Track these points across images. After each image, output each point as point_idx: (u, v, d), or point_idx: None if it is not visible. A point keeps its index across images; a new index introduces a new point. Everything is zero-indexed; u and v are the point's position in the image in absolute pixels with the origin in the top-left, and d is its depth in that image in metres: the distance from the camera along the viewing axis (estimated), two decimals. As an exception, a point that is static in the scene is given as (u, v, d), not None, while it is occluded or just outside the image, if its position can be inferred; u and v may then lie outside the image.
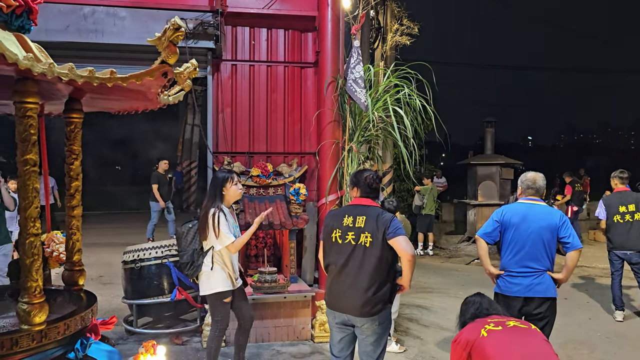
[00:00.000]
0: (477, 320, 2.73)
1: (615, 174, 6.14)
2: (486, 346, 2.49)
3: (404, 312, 6.10)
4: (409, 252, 3.06)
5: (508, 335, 2.53)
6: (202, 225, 3.78)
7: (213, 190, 3.86)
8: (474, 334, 2.60)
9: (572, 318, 6.05)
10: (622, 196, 6.00)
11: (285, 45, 5.69)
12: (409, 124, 4.98)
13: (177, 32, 1.94)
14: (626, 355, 4.89)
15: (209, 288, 3.86)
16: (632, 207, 5.85)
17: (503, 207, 4.02)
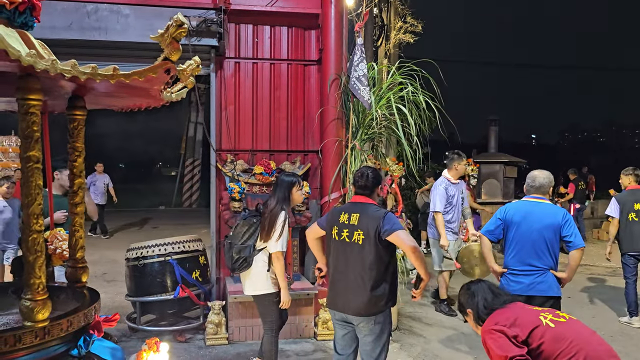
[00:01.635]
0: (514, 306, 2.66)
1: (629, 171, 6.02)
2: (562, 334, 2.45)
3: (406, 310, 6.10)
4: (409, 243, 3.03)
5: (574, 325, 2.56)
6: (270, 226, 3.76)
7: (282, 193, 3.87)
8: (533, 321, 2.51)
9: (576, 317, 6.01)
10: (637, 194, 5.85)
11: (289, 42, 5.68)
12: (412, 121, 4.97)
13: (180, 29, 1.93)
14: (630, 354, 4.87)
15: (264, 288, 3.85)
16: None
17: (507, 205, 4.01)
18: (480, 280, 2.88)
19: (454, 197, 5.79)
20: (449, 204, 5.77)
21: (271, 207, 3.80)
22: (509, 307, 2.65)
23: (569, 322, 2.55)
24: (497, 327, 2.50)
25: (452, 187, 5.81)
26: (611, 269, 8.88)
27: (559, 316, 2.58)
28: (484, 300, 2.69)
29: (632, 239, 5.73)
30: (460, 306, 2.87)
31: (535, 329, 2.46)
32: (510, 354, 2.37)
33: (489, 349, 2.53)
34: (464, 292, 2.85)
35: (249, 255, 3.81)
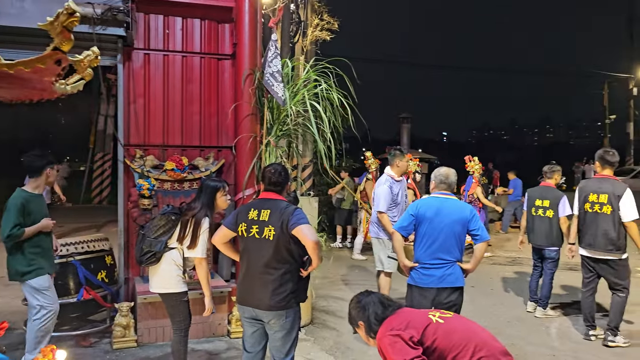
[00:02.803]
0: (404, 311, 2.76)
1: (545, 169, 6.21)
2: (453, 328, 2.59)
3: (320, 304, 6.18)
4: (311, 238, 3.06)
5: (460, 319, 2.75)
6: (194, 232, 3.64)
7: (206, 198, 3.74)
8: (423, 321, 2.62)
9: (478, 305, 6.41)
10: (544, 191, 6.08)
11: (202, 35, 5.54)
12: (326, 119, 5.03)
13: (71, 17, 1.82)
14: (525, 337, 5.26)
15: (172, 287, 3.74)
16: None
17: (418, 201, 4.17)
18: (370, 292, 2.91)
19: (398, 195, 5.66)
20: (393, 202, 5.58)
21: (194, 212, 3.69)
22: (399, 312, 2.73)
23: (455, 317, 2.72)
24: (393, 331, 2.56)
25: (396, 185, 5.66)
26: (511, 259, 9.53)
27: (445, 313, 2.73)
28: (374, 312, 2.73)
29: (533, 233, 6.07)
30: (351, 319, 2.88)
31: (427, 327, 2.57)
32: (407, 356, 2.45)
33: (385, 355, 2.58)
34: (354, 305, 2.85)
35: (159, 251, 3.70)
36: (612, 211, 4.96)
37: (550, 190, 6.06)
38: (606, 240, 4.97)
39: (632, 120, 26.98)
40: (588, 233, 5.10)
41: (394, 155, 5.71)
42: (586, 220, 5.12)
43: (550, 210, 5.90)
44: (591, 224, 5.07)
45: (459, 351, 2.47)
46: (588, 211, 5.11)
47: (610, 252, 4.98)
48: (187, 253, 3.71)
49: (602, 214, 5.00)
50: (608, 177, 5.15)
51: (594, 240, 5.04)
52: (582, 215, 5.17)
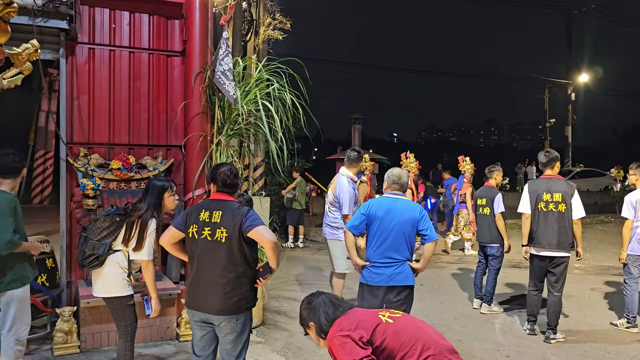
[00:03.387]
0: (354, 312, 2.75)
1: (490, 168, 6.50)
2: (401, 327, 2.60)
3: (272, 305, 6.15)
4: (270, 238, 3.05)
5: (409, 318, 2.77)
6: (140, 234, 3.52)
7: (153, 198, 3.61)
8: (373, 321, 2.63)
9: (426, 302, 6.55)
10: (487, 191, 6.32)
11: (150, 31, 5.39)
12: (277, 118, 5.00)
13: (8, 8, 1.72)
14: (469, 333, 5.42)
15: (117, 290, 3.60)
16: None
17: (369, 200, 4.21)
18: (320, 292, 2.89)
19: (356, 196, 5.67)
20: (355, 203, 5.56)
21: (140, 213, 3.57)
22: (350, 313, 2.72)
23: (404, 316, 2.75)
24: (343, 332, 2.56)
25: (354, 185, 5.65)
26: (457, 257, 9.81)
27: (395, 313, 2.75)
28: (325, 313, 2.72)
29: (478, 231, 6.37)
30: (302, 320, 2.85)
31: (377, 327, 2.58)
32: (357, 357, 2.46)
33: (335, 355, 2.58)
34: (305, 306, 2.83)
35: (103, 254, 3.57)
36: (566, 209, 5.11)
37: (489, 189, 6.36)
38: (563, 238, 5.10)
39: (570, 124, 28.30)
40: (544, 232, 5.16)
41: (352, 157, 5.74)
42: (540, 219, 5.19)
43: (487, 207, 6.18)
44: (546, 223, 5.15)
45: (407, 351, 2.50)
46: (542, 210, 5.18)
47: (565, 250, 5.13)
48: (132, 255, 3.60)
49: (558, 212, 5.12)
50: (556, 176, 5.31)
51: (552, 239, 5.11)
52: (536, 214, 5.22)
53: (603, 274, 8.33)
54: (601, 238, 12.21)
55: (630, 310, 5.50)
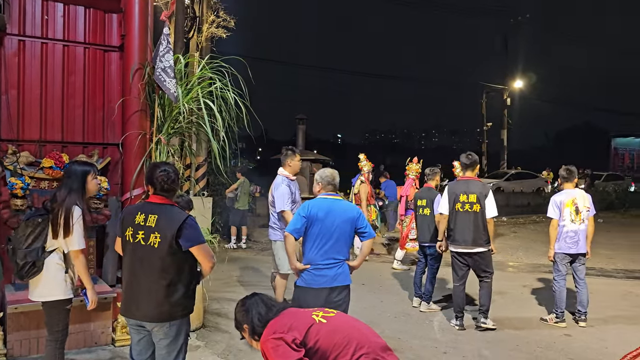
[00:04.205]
0: (288, 313, 2.72)
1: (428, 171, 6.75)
2: (335, 327, 2.60)
3: (213, 307, 6.06)
4: (210, 261, 3.08)
5: (342, 317, 2.75)
6: (65, 222, 3.36)
7: (74, 183, 3.44)
8: (307, 321, 2.61)
9: (368, 301, 6.65)
10: (426, 192, 6.57)
11: (86, 24, 5.18)
12: (219, 117, 4.93)
13: None
14: (409, 331, 5.55)
15: (60, 294, 3.44)
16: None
17: (307, 202, 4.19)
18: (255, 293, 2.86)
19: (295, 194, 5.68)
20: (292, 201, 5.59)
21: (62, 200, 3.41)
22: (283, 314, 2.70)
23: (337, 315, 2.74)
24: (276, 335, 2.54)
25: (293, 184, 5.69)
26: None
27: (328, 312, 2.75)
28: (258, 314, 2.69)
29: (418, 231, 6.59)
30: (237, 323, 2.82)
31: (310, 328, 2.57)
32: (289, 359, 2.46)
33: (269, 358, 2.55)
34: (239, 309, 2.80)
35: (38, 259, 3.40)
36: (480, 209, 5.50)
37: (429, 190, 6.59)
38: (477, 236, 5.48)
39: (506, 127, 29.56)
40: (460, 230, 5.53)
41: (286, 155, 5.75)
42: (457, 218, 5.56)
43: (428, 208, 6.38)
44: (463, 222, 5.52)
45: (340, 350, 2.51)
46: (459, 210, 5.55)
47: (481, 246, 5.51)
48: (65, 248, 3.46)
49: (473, 212, 5.50)
50: (473, 178, 5.72)
51: (467, 237, 5.49)
52: (454, 214, 5.59)
53: (534, 271, 8.74)
54: (534, 237, 12.81)
55: (558, 306, 5.81)
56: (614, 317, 6.09)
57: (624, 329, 5.69)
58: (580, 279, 5.82)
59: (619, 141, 38.58)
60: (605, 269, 8.91)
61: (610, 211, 18.92)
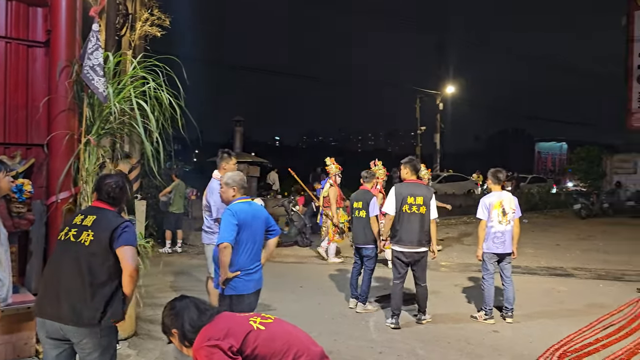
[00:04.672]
0: (223, 317, 2.60)
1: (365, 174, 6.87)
2: (273, 334, 2.53)
3: (147, 313, 5.87)
4: (130, 263, 2.89)
5: (281, 323, 2.67)
6: None
7: None
8: (244, 328, 2.50)
9: (305, 304, 6.68)
10: (361, 194, 6.67)
11: (8, 18, 4.88)
12: (153, 118, 4.78)
13: None
14: (345, 332, 5.61)
15: None
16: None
17: (232, 209, 4.05)
18: (185, 296, 2.70)
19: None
20: None
21: None
22: (218, 319, 2.57)
23: (275, 322, 2.64)
24: (211, 342, 2.41)
25: None
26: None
27: (266, 318, 2.64)
28: (189, 319, 2.54)
29: (354, 233, 6.64)
30: (165, 327, 2.64)
31: (248, 335, 2.47)
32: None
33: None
34: (168, 312, 2.62)
35: None
36: (426, 211, 5.75)
37: (365, 192, 6.68)
38: (422, 236, 5.74)
39: (439, 131, 30.63)
40: (407, 231, 5.72)
41: (221, 158, 5.65)
42: (404, 219, 5.73)
43: (363, 210, 6.46)
44: (409, 223, 5.71)
45: (279, 358, 2.46)
46: (406, 212, 5.73)
47: (424, 246, 5.79)
48: None
49: (419, 214, 5.73)
50: (418, 181, 6.03)
51: (413, 237, 5.71)
52: (400, 215, 5.75)
53: (465, 270, 9.09)
54: (464, 238, 13.31)
55: (487, 304, 6.06)
56: (538, 312, 6.43)
57: (547, 323, 6.02)
58: (507, 277, 6.11)
59: (542, 145, 40.98)
60: (530, 267, 9.40)
61: (534, 212, 20.00)
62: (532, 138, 45.87)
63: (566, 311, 6.53)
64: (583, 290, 7.69)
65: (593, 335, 5.53)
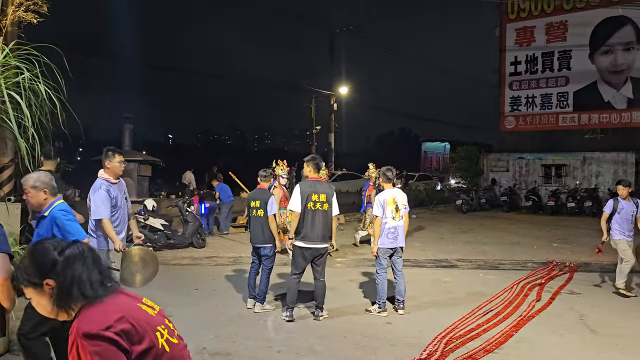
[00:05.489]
0: (124, 305, 1.85)
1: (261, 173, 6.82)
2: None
3: (23, 327, 5.33)
4: (2, 274, 2.68)
5: (181, 348, 1.99)
6: None
7: None
8: (149, 337, 1.82)
9: (201, 306, 6.48)
10: (258, 192, 6.61)
11: None
12: (28, 112, 4.36)
13: None
14: (245, 332, 5.53)
15: None
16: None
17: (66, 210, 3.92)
18: (82, 244, 1.92)
19: (117, 199, 5.28)
20: (113, 207, 5.19)
21: None
22: (119, 302, 1.86)
23: (179, 346, 1.96)
24: (110, 334, 1.73)
25: (113, 188, 5.27)
26: (232, 258, 9.95)
27: (173, 335, 1.94)
28: (87, 282, 1.81)
29: (251, 233, 6.54)
30: (30, 271, 1.82)
31: (150, 350, 1.82)
32: None
33: (81, 357, 1.72)
34: (45, 250, 1.85)
35: None
36: (328, 208, 5.93)
37: (262, 191, 6.65)
38: (325, 232, 5.92)
39: (333, 131, 31.38)
40: (311, 227, 5.86)
41: (105, 156, 5.35)
42: (308, 216, 5.87)
43: (261, 209, 6.42)
44: (314, 220, 5.87)
45: None
46: (311, 209, 5.88)
47: (326, 242, 5.97)
48: None
49: (323, 211, 5.90)
50: (321, 179, 6.20)
51: (318, 233, 5.86)
52: (305, 212, 5.88)
53: (360, 266, 9.37)
54: (344, 239, 13.72)
55: (381, 297, 6.30)
56: (427, 303, 6.80)
57: (435, 313, 6.38)
58: (399, 270, 6.39)
59: (427, 145, 43.58)
60: (419, 260, 9.92)
61: (421, 208, 21.19)
62: (418, 138, 48.59)
63: (452, 300, 6.98)
64: (466, 280, 8.27)
65: (475, 321, 5.96)
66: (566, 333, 5.66)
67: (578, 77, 21.08)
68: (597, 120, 20.80)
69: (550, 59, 21.85)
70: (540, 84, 22.13)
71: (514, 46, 22.78)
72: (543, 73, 22.06)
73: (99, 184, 5.24)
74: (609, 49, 20.46)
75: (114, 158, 5.35)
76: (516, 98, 22.82)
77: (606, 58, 20.61)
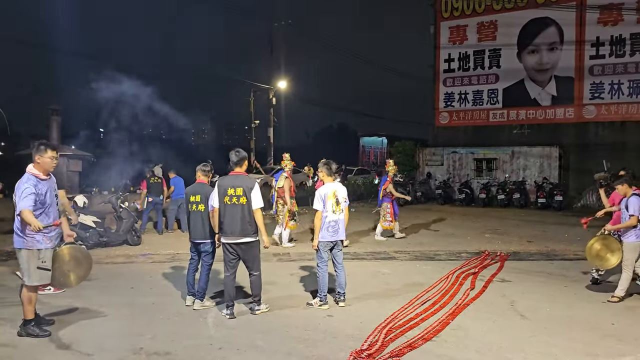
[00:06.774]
0: None
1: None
2: None
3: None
4: None
5: None
6: None
7: None
8: None
9: (138, 305, 6.28)
10: (197, 187, 6.49)
11: None
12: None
13: None
14: (184, 331, 5.40)
15: None
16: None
17: None
18: None
19: (46, 195, 5.02)
20: (41, 203, 4.96)
21: None
22: None
23: None
24: None
25: (43, 185, 5.01)
26: (170, 255, 9.69)
27: None
28: None
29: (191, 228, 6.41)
30: None
31: None
32: None
33: None
34: None
35: None
36: (247, 201, 5.86)
37: (202, 186, 6.51)
38: (245, 226, 5.84)
39: (272, 125, 31.22)
40: (230, 222, 5.83)
41: (36, 150, 5.09)
42: (227, 211, 5.84)
43: (202, 204, 6.31)
44: (231, 214, 5.83)
45: None
46: (227, 204, 5.84)
47: (248, 236, 5.88)
48: None
49: (240, 205, 5.84)
50: (242, 173, 6.09)
51: (236, 228, 5.82)
52: (223, 207, 5.86)
53: (300, 260, 9.38)
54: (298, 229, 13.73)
55: (322, 290, 6.33)
56: (367, 294, 6.91)
57: (374, 304, 6.49)
58: (339, 263, 6.45)
59: (365, 140, 44.25)
60: (358, 253, 10.07)
61: (360, 201, 21.49)
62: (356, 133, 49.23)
63: (391, 291, 7.14)
64: (403, 271, 8.48)
65: (414, 311, 6.13)
66: (499, 319, 5.92)
67: (507, 74, 22.07)
68: (524, 117, 21.88)
69: (482, 57, 22.74)
70: (472, 81, 22.99)
71: (447, 44, 23.53)
72: (475, 70, 22.93)
73: (25, 179, 4.98)
74: (535, 49, 21.56)
75: (46, 153, 5.08)
76: (450, 94, 23.59)
77: (532, 57, 21.70)
